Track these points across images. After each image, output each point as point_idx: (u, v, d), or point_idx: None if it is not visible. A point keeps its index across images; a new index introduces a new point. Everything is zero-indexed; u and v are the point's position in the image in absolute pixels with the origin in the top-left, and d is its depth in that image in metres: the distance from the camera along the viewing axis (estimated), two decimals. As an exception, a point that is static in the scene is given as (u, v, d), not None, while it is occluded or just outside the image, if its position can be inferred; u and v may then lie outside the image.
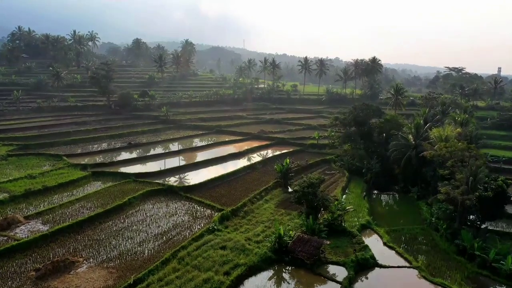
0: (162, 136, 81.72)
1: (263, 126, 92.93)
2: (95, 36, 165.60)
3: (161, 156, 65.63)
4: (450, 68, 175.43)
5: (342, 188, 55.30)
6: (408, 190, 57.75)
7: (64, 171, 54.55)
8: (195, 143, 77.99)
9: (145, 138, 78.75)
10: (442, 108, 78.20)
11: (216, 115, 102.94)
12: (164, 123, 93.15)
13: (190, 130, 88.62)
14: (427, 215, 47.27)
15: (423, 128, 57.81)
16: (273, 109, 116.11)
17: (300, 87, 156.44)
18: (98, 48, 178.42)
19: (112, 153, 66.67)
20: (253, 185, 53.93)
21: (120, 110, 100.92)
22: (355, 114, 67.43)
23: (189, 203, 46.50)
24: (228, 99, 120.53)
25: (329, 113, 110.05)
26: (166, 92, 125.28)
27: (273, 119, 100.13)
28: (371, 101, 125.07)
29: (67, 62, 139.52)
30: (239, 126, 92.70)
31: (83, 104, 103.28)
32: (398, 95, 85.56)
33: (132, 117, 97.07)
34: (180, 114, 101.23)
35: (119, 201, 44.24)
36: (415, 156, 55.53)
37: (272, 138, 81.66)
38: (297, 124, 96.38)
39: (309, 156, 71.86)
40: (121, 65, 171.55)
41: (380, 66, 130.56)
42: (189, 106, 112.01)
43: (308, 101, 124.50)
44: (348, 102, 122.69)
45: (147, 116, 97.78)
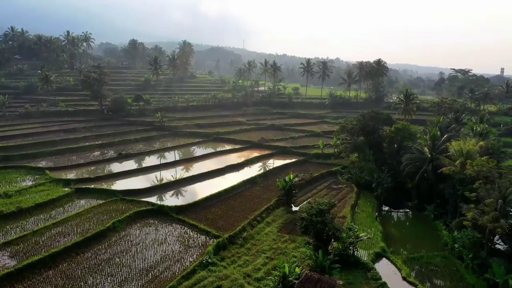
0: (156, 144, 76.56)
1: (264, 133, 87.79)
2: (89, 36, 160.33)
3: (153, 169, 60.38)
4: (456, 70, 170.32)
5: (351, 206, 50.15)
6: (423, 207, 52.68)
7: (45, 188, 49.39)
8: (191, 153, 72.89)
9: (138, 147, 73.56)
10: (455, 115, 73.06)
11: (214, 120, 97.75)
12: (158, 129, 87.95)
13: (186, 138, 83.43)
14: (448, 240, 42.19)
15: (439, 139, 52.65)
16: (274, 114, 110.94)
17: (302, 89, 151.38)
18: (93, 49, 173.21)
19: (100, 166, 61.47)
20: (253, 203, 48.82)
21: (113, 116, 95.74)
22: (364, 122, 62.31)
23: (181, 227, 41.36)
24: (227, 103, 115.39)
25: (332, 118, 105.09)
26: (162, 95, 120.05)
27: (274, 125, 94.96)
28: (376, 104, 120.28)
29: (59, 64, 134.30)
30: (238, 133, 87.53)
31: (74, 109, 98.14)
32: (408, 101, 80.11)
33: (125, 123, 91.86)
34: (176, 119, 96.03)
35: (101, 226, 39.09)
36: (432, 171, 50.45)
37: (273, 147, 76.49)
38: (300, 130, 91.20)
39: (313, 167, 66.74)
40: (117, 66, 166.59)
41: (386, 69, 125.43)
42: (186, 111, 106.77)
43: (310, 105, 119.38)
44: (352, 106, 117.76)
45: (141, 122, 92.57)
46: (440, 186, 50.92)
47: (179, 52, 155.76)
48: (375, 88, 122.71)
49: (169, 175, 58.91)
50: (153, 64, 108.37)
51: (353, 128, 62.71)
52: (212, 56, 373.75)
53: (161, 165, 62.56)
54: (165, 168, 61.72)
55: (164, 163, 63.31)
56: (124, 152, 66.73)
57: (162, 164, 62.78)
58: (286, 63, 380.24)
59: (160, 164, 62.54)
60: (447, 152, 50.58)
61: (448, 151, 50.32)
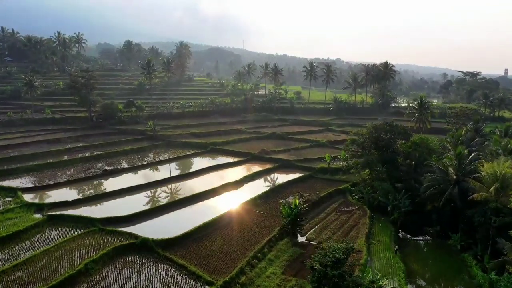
0: (146, 157, 69.98)
1: (265, 143, 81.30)
2: (82, 37, 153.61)
3: (140, 188, 53.71)
4: (464, 72, 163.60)
5: (366, 235, 43.61)
6: (446, 234, 46.23)
7: (13, 216, 42.83)
8: (185, 168, 66.19)
9: (126, 161, 66.97)
10: (475, 126, 66.53)
11: (211, 128, 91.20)
12: (151, 139, 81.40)
13: (180, 149, 76.88)
14: (482, 281, 35.69)
15: (466, 158, 46.10)
16: (275, 120, 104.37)
17: (304, 93, 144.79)
18: (88, 50, 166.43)
19: (81, 185, 54.79)
20: (252, 233, 42.28)
21: (103, 123, 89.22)
22: (377, 136, 55.74)
23: (168, 268, 34.76)
24: (225, 108, 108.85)
25: (337, 125, 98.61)
26: (157, 100, 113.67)
27: (275, 134, 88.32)
28: (383, 110, 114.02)
29: (48, 67, 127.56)
30: (237, 143, 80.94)
31: (61, 116, 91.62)
32: (423, 110, 73.29)
33: (115, 132, 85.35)
34: (171, 128, 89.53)
35: (71, 270, 32.53)
36: (458, 195, 43.94)
37: (275, 160, 69.90)
38: (303, 140, 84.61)
39: (319, 184, 60.21)
40: (111, 68, 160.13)
41: (394, 72, 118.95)
42: (182, 118, 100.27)
43: (314, 111, 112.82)
44: (358, 112, 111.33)
45: (132, 131, 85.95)
46: (467, 212, 44.46)
47: (176, 54, 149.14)
48: (381, 93, 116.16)
49: (159, 196, 52.43)
50: (145, 68, 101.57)
51: (364, 142, 56.12)
52: (211, 57, 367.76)
53: (151, 183, 55.90)
54: (154, 187, 55.17)
55: (154, 182, 56.63)
56: (109, 168, 60.04)
57: (151, 183, 56.10)
58: (287, 63, 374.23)
59: (148, 184, 55.77)
60: (476, 173, 44.14)
61: (477, 172, 43.85)
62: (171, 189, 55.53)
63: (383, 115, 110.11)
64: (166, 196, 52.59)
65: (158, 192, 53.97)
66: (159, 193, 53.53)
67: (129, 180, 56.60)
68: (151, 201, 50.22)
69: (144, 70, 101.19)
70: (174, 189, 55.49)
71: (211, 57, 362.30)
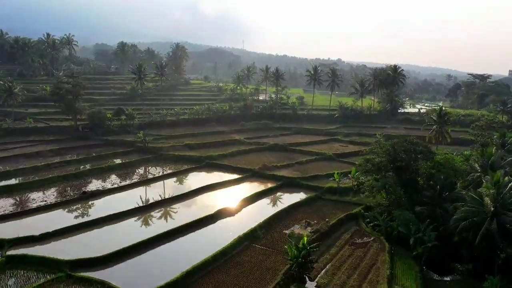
0: (134, 174, 62.79)
1: (265, 156, 74.32)
2: (72, 39, 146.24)
3: (121, 217, 46.35)
4: (474, 75, 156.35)
5: (388, 280, 36.41)
6: (481, 275, 39.09)
7: (-37, 258, 35.64)
8: (176, 188, 58.59)
9: (111, 179, 59.69)
10: (501, 140, 59.37)
11: (207, 139, 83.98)
12: (141, 152, 74.24)
13: (173, 163, 69.74)
14: None
15: (505, 186, 38.95)
16: (276, 129, 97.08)
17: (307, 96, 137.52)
18: (85, 52, 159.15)
19: (55, 212, 47.51)
20: (252, 279, 35.14)
21: (89, 134, 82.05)
22: (394, 155, 48.55)
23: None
24: (223, 116, 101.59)
25: (344, 135, 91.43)
26: (150, 106, 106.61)
27: (277, 145, 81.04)
28: (392, 116, 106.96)
29: (34, 71, 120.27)
30: (235, 156, 73.75)
31: (45, 126, 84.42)
32: (442, 122, 65.76)
33: (101, 144, 78.20)
34: (163, 138, 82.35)
35: None
36: (497, 231, 36.86)
37: (277, 177, 62.64)
38: (307, 152, 77.38)
39: (328, 207, 53.12)
40: (104, 71, 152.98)
41: (403, 77, 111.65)
42: (176, 126, 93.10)
43: (318, 118, 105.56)
44: (365, 120, 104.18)
45: (120, 142, 78.73)
46: (508, 252, 37.49)
47: (172, 56, 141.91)
48: (389, 98, 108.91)
49: (142, 226, 45.32)
50: (136, 73, 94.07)
51: (381, 162, 48.91)
52: (210, 57, 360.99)
53: (135, 210, 48.60)
54: (139, 214, 48.00)
55: (138, 208, 49.29)
56: (89, 190, 52.78)
57: (136, 209, 48.78)
58: (287, 64, 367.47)
59: (134, 209, 48.51)
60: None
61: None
62: (157, 216, 48.32)
63: (392, 122, 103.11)
64: (151, 226, 45.40)
65: (143, 220, 46.82)
66: (143, 223, 46.39)
67: (110, 205, 49.21)
68: (132, 233, 42.82)
69: (135, 75, 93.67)
70: (162, 216, 48.32)
71: (210, 58, 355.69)
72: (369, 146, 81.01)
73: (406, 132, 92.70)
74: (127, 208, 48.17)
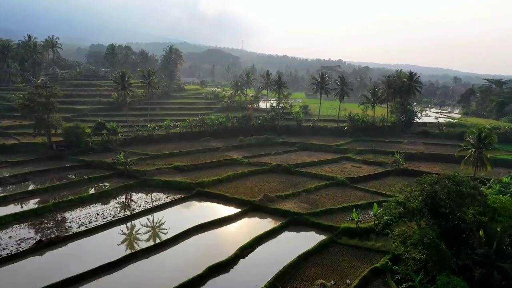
0: (110, 208, 51.88)
1: (267, 180, 63.74)
2: (56, 41, 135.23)
3: (81, 280, 35.63)
4: (490, 80, 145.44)
5: None
6: None
7: None
8: (156, 232, 47.71)
9: (79, 217, 48.83)
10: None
11: (200, 159, 73.26)
12: (122, 177, 63.52)
13: (158, 191, 59.06)
14: None
15: None
16: (279, 144, 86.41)
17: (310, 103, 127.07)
18: (61, 55, 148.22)
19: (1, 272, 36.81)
20: None
21: (64, 152, 71.38)
22: (433, 199, 37.74)
23: None
24: (219, 129, 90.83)
25: (356, 152, 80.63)
26: (139, 117, 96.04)
27: (280, 167, 70.21)
28: (406, 129, 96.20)
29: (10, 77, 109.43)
30: (231, 182, 62.98)
31: (14, 143, 73.64)
32: (482, 147, 54.47)
33: (77, 166, 67.50)
34: (149, 158, 71.64)
35: None
36: None
37: (282, 212, 51.85)
38: (316, 176, 66.57)
39: (347, 257, 42.29)
40: (91, 76, 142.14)
41: (420, 85, 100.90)
42: (165, 142, 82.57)
43: (325, 131, 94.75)
44: (378, 133, 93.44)
45: (99, 164, 67.88)
46: None
47: (165, 59, 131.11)
48: (404, 108, 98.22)
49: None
50: (119, 83, 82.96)
51: (417, 209, 38.10)
52: (209, 59, 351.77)
53: (100, 269, 37.67)
54: (106, 273, 37.18)
55: (107, 264, 38.39)
56: (45, 239, 41.90)
57: (101, 267, 37.85)
58: (288, 66, 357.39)
59: (98, 268, 37.59)
60: None
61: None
62: (132, 274, 37.50)
63: (407, 136, 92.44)
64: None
65: (109, 284, 36.01)
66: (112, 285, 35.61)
67: (69, 260, 38.54)
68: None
69: (118, 84, 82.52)
70: (138, 272, 37.50)
71: (209, 59, 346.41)
72: (386, 168, 71.37)
73: (426, 149, 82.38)
74: (88, 268, 37.09)
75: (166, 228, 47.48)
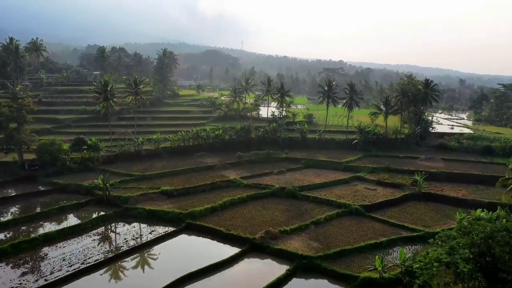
0: (78, 252, 42.69)
1: (269, 208, 54.92)
2: (41, 44, 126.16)
3: None
4: (505, 85, 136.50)
5: None
6: None
7: None
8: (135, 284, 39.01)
9: (39, 267, 39.96)
10: None
11: (192, 180, 64.19)
12: (100, 204, 54.66)
13: (141, 223, 50.26)
14: None
15: None
16: (282, 161, 77.51)
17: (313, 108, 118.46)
18: (44, 58, 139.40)
19: None
20: None
21: (37, 173, 62.52)
22: (488, 258, 28.97)
23: None
24: (215, 143, 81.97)
25: (368, 171, 71.70)
26: (127, 128, 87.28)
27: (284, 190, 61.25)
28: (422, 141, 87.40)
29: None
30: (227, 211, 54.05)
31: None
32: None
33: (49, 190, 58.63)
34: (133, 181, 62.66)
35: None
36: None
37: (287, 255, 42.98)
38: (325, 202, 57.50)
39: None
40: (80, 80, 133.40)
41: (437, 93, 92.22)
42: (154, 158, 73.83)
43: (332, 145, 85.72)
44: (390, 146, 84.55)
45: (75, 188, 58.91)
46: None
47: (158, 64, 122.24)
48: (418, 118, 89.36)
49: None
50: (101, 93, 73.83)
51: (465, 267, 29.30)
52: (208, 60, 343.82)
53: None
54: None
55: None
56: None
57: None
58: (288, 68, 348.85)
59: None
60: None
61: None
62: None
63: (423, 150, 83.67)
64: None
65: None
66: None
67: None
68: None
69: (100, 95, 73.30)
70: None
71: (208, 60, 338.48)
72: (404, 191, 62.55)
73: (446, 166, 73.44)
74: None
75: (149, 278, 38.58)
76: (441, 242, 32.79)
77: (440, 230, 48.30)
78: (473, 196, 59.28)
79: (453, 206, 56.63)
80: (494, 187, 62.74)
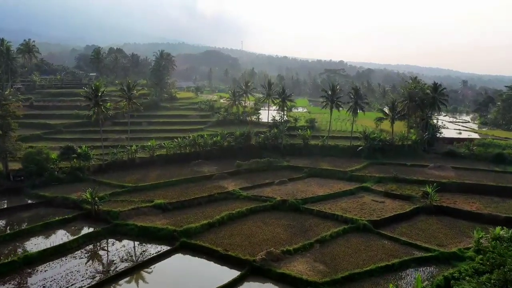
0: (61, 278, 38.76)
1: (270, 223, 51.14)
2: (33, 46, 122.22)
3: None
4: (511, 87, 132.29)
5: None
6: None
7: None
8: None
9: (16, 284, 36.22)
10: None
11: (188, 192, 60.32)
12: (88, 219, 50.88)
13: (131, 241, 46.46)
14: None
15: None
16: (283, 169, 73.58)
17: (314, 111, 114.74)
18: (38, 60, 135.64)
19: None
20: None
21: (22, 185, 58.64)
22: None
23: None
24: (213, 150, 78.16)
25: (375, 180, 67.74)
26: (120, 134, 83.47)
27: (286, 203, 57.38)
28: (430, 148, 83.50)
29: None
30: (225, 227, 50.14)
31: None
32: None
33: (35, 204, 54.76)
34: (125, 193, 58.81)
35: None
36: None
37: (291, 280, 39.06)
38: (330, 216, 53.58)
39: None
40: (74, 83, 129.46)
41: (446, 97, 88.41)
42: (149, 167, 69.95)
43: (336, 152, 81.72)
44: (397, 154, 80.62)
45: (62, 201, 55.04)
46: None
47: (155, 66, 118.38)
48: (425, 124, 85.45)
49: None
50: (91, 98, 70.08)
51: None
52: (207, 60, 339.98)
53: None
54: None
55: None
56: None
57: None
58: (288, 68, 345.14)
59: None
60: None
61: None
62: None
63: (432, 157, 79.82)
64: None
65: None
66: None
67: None
68: None
69: (90, 100, 69.20)
70: None
71: (207, 60, 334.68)
72: (415, 203, 58.66)
73: (457, 176, 69.44)
74: None
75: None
76: (468, 277, 28.81)
77: (457, 250, 44.89)
78: (489, 210, 55.41)
79: (468, 221, 53.02)
80: (510, 199, 59.34)
